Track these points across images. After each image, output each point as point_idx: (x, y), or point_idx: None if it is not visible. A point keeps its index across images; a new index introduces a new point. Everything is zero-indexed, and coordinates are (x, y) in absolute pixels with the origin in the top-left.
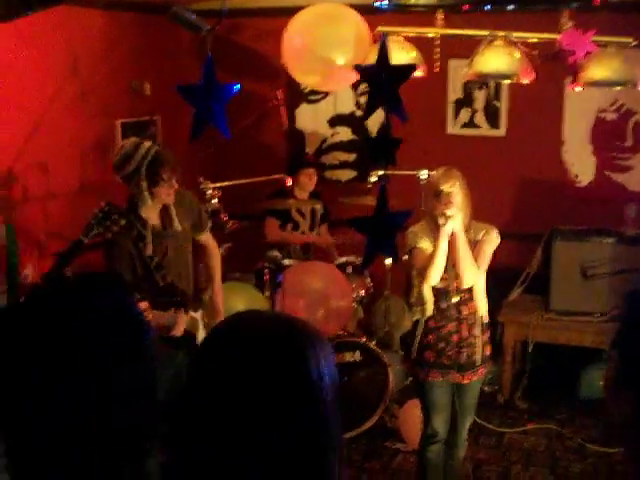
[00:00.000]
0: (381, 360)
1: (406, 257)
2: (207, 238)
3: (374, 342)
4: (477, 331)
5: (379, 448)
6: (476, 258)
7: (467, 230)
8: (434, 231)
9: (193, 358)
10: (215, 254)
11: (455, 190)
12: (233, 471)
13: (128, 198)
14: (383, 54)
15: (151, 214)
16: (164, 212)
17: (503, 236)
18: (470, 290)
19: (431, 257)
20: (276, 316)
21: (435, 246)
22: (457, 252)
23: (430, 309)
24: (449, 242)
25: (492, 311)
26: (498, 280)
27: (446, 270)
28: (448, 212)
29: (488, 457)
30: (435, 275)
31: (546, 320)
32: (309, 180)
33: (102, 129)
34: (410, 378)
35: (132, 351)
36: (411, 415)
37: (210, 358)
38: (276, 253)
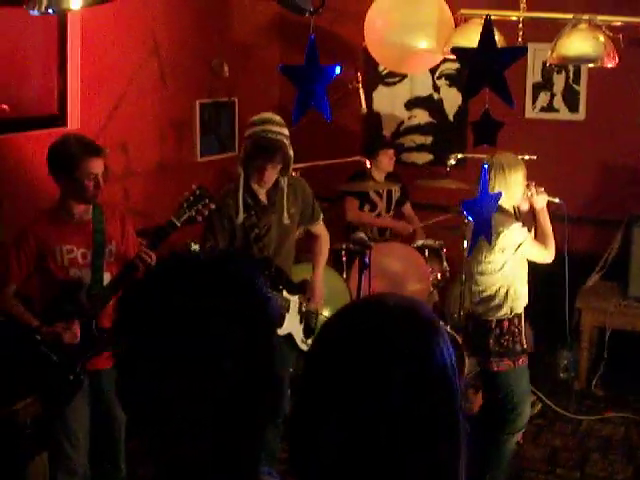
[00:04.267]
0: (457, 345)
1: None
2: (319, 228)
3: (449, 326)
4: None
5: None
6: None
7: None
8: (515, 215)
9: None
10: (325, 242)
11: None
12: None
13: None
14: (489, 36)
15: (261, 188)
16: (275, 190)
17: (582, 221)
18: None
19: (546, 234)
20: (400, 303)
21: (543, 224)
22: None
23: (523, 305)
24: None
25: (570, 297)
26: (576, 266)
27: None
28: (540, 188)
29: (564, 444)
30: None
31: (624, 307)
32: (389, 160)
33: (181, 109)
34: None
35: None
36: None
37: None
38: (362, 234)
